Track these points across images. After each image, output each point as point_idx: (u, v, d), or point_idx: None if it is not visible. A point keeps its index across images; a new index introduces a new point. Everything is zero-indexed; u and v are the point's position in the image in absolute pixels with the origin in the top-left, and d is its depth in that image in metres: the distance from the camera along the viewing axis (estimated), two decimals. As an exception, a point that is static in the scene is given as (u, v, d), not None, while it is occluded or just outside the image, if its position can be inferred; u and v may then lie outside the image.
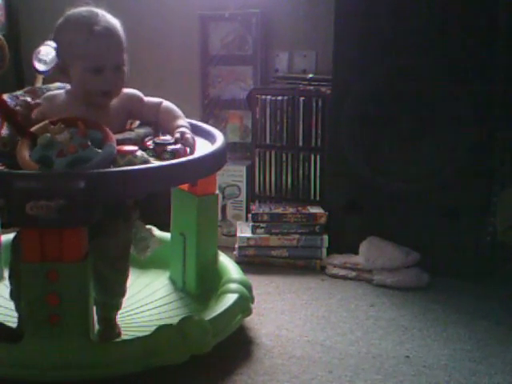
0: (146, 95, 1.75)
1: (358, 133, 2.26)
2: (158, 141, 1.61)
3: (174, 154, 1.57)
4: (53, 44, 2.40)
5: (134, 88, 1.74)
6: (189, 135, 1.63)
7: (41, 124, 1.53)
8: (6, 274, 1.90)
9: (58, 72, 1.66)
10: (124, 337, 1.66)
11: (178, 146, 1.59)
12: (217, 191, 1.90)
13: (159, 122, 1.71)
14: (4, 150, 1.49)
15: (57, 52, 1.67)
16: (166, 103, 1.74)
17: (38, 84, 2.45)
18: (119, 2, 1.67)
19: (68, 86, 1.73)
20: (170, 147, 1.58)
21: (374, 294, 2.11)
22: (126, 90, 1.71)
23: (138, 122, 1.76)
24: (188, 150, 1.61)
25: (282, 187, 2.51)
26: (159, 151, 1.57)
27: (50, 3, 2.79)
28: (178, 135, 1.62)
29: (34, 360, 1.44)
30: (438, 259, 2.20)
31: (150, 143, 1.61)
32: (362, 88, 2.23)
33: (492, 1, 2.09)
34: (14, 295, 1.60)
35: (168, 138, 1.62)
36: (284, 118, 2.47)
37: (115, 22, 1.62)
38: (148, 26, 2.72)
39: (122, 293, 1.71)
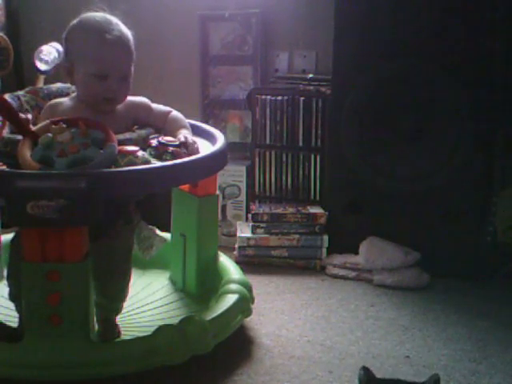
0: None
1: (358, 133, 2.26)
2: (162, 140, 1.61)
3: (175, 155, 1.57)
4: (55, 44, 2.43)
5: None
6: (192, 141, 1.63)
7: (42, 124, 1.53)
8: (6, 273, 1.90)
9: (65, 73, 1.66)
10: (124, 337, 1.66)
11: (181, 149, 1.59)
12: (217, 191, 1.90)
13: (165, 130, 1.70)
14: (5, 150, 1.49)
15: (65, 52, 1.68)
16: (175, 113, 1.74)
17: (40, 84, 2.45)
18: (119, 2, 1.67)
19: (70, 88, 1.74)
20: (171, 148, 1.58)
21: (373, 293, 2.12)
22: (134, 98, 1.71)
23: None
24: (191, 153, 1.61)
25: (282, 187, 2.51)
26: (161, 150, 1.57)
27: (50, 3, 2.80)
28: (182, 139, 1.62)
29: (34, 360, 1.44)
30: (438, 259, 2.20)
31: (153, 141, 1.61)
32: (362, 88, 2.23)
33: (492, 0, 2.09)
34: (13, 296, 1.60)
35: (173, 139, 1.62)
36: (284, 118, 2.47)
37: (128, 33, 1.63)
38: (148, 25, 2.72)
39: (123, 297, 1.71)
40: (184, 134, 1.65)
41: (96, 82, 1.59)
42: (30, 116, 1.61)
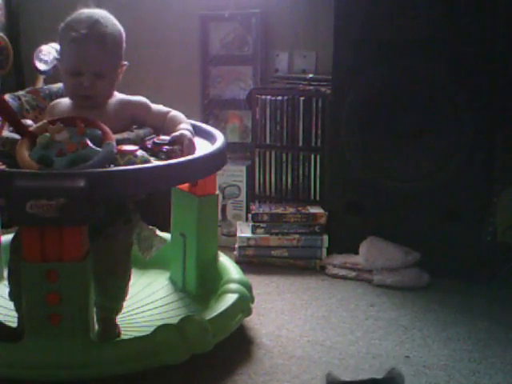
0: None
1: (357, 133, 2.26)
2: (156, 140, 1.61)
3: (169, 154, 1.57)
4: (54, 45, 2.43)
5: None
6: (187, 137, 1.63)
7: (40, 124, 1.54)
8: (5, 273, 1.90)
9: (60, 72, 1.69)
10: (124, 337, 1.66)
11: (175, 146, 1.59)
12: (217, 191, 1.90)
13: (164, 128, 1.70)
14: (3, 150, 1.49)
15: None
16: (174, 112, 1.74)
17: (40, 84, 2.45)
18: (119, 2, 1.67)
19: None
20: (165, 147, 1.58)
21: (374, 293, 2.11)
22: (133, 97, 1.72)
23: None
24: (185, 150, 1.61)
25: (282, 187, 2.51)
26: (156, 151, 1.58)
27: (50, 3, 2.80)
28: (177, 134, 1.62)
29: (33, 359, 1.44)
30: (438, 259, 2.20)
31: (149, 142, 1.62)
32: (362, 88, 2.23)
33: (492, 0, 2.09)
34: (13, 295, 1.60)
35: (167, 137, 1.63)
36: (284, 118, 2.47)
37: (106, 30, 1.61)
38: (148, 25, 2.72)
39: (123, 297, 1.71)
40: (180, 131, 1.65)
41: (69, 79, 1.63)
42: (29, 122, 1.61)
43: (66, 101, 1.69)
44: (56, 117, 1.57)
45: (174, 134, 1.63)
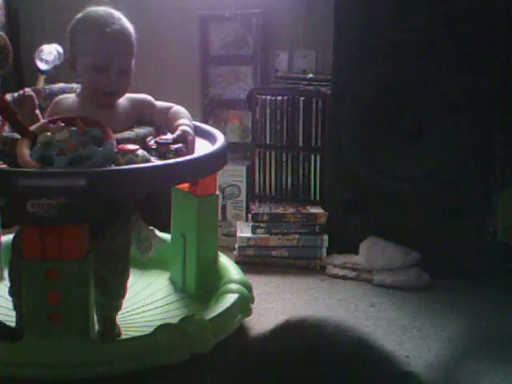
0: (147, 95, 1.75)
1: (358, 133, 2.26)
2: (160, 140, 1.61)
3: (178, 153, 1.57)
4: (55, 45, 2.43)
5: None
6: (189, 135, 1.63)
7: (40, 123, 1.54)
8: (6, 274, 1.90)
9: (68, 65, 1.68)
10: (124, 337, 1.66)
11: (180, 144, 1.59)
12: (217, 191, 1.90)
13: (166, 124, 1.71)
14: (4, 149, 1.49)
15: (69, 45, 1.69)
16: (176, 107, 1.74)
17: (41, 84, 2.45)
18: (119, 2, 1.67)
19: (73, 88, 1.74)
20: (173, 146, 1.58)
21: (373, 293, 2.11)
22: (138, 95, 1.73)
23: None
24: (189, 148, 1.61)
25: (282, 187, 2.51)
26: (163, 151, 1.57)
27: (51, 3, 2.80)
28: (179, 132, 1.62)
29: (34, 359, 1.44)
30: (438, 259, 2.20)
31: (152, 143, 1.61)
32: (362, 88, 2.23)
33: (492, 0, 2.09)
34: (13, 291, 1.60)
35: (168, 136, 1.62)
36: (284, 118, 2.47)
37: (129, 27, 1.64)
38: (148, 25, 2.72)
39: (122, 294, 1.71)
40: (181, 127, 1.65)
41: (95, 75, 1.60)
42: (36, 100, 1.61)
43: (71, 97, 1.68)
44: (56, 116, 1.57)
45: (177, 132, 1.63)
